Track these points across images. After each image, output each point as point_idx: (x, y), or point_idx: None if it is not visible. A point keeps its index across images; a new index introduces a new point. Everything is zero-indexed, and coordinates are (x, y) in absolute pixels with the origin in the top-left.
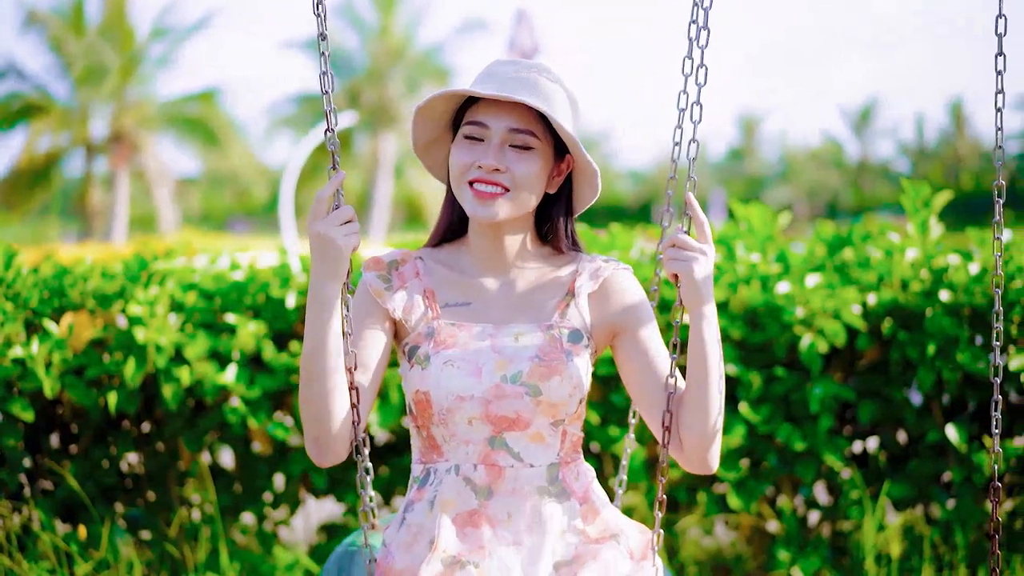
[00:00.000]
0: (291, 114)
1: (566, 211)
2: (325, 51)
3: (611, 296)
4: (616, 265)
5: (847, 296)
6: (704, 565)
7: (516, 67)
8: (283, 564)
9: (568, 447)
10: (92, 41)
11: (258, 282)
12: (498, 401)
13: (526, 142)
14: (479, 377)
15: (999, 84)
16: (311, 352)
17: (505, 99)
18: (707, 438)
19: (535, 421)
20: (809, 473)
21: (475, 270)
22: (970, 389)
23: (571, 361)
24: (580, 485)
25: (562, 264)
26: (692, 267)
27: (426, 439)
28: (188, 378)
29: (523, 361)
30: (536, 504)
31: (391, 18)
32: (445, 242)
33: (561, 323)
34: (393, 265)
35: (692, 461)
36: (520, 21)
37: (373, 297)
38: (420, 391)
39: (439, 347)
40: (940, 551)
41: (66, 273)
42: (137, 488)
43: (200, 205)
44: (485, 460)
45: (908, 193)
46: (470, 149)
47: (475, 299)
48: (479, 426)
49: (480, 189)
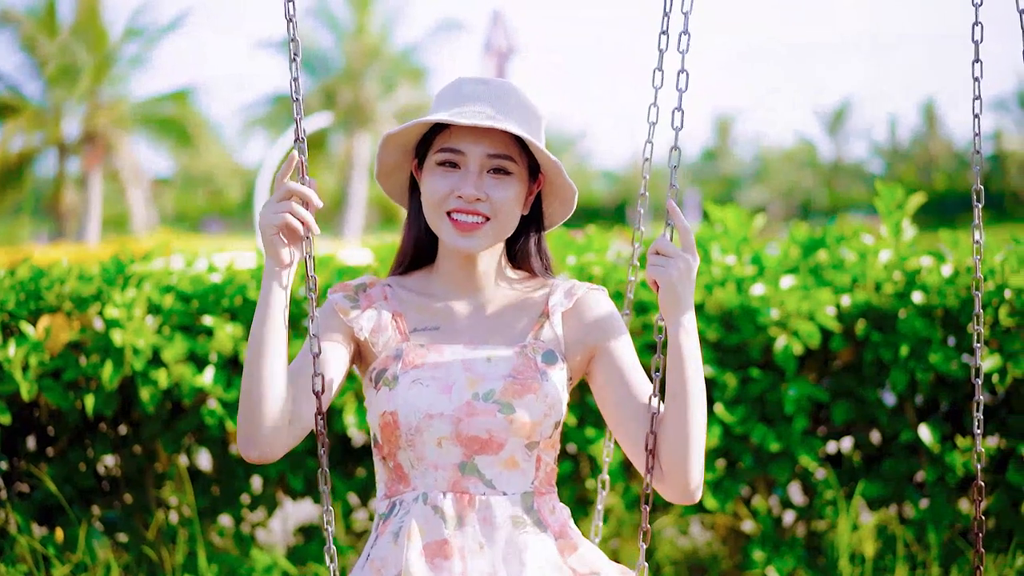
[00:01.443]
0: (265, 114)
1: (537, 229)
2: (296, 54)
3: (585, 315)
4: (590, 286)
5: (821, 298)
6: (680, 565)
7: (486, 87)
8: (261, 566)
9: (543, 477)
10: (65, 41)
11: (235, 284)
12: (469, 419)
13: (504, 167)
14: (449, 394)
15: (976, 90)
16: (250, 340)
17: (490, 127)
18: (687, 460)
19: (508, 443)
20: (784, 473)
21: (445, 294)
22: (943, 390)
23: (546, 380)
24: (556, 520)
25: (535, 287)
26: (672, 274)
27: (392, 470)
28: (166, 380)
29: (496, 380)
30: (510, 535)
31: (366, 18)
32: (412, 269)
33: (535, 343)
34: (360, 288)
35: (673, 488)
36: (495, 22)
37: (339, 315)
38: (387, 412)
39: (407, 367)
40: (913, 550)
41: (42, 275)
42: (114, 490)
43: (174, 205)
44: (455, 487)
45: (882, 195)
46: (446, 177)
47: (444, 323)
48: (449, 448)
49: (460, 220)
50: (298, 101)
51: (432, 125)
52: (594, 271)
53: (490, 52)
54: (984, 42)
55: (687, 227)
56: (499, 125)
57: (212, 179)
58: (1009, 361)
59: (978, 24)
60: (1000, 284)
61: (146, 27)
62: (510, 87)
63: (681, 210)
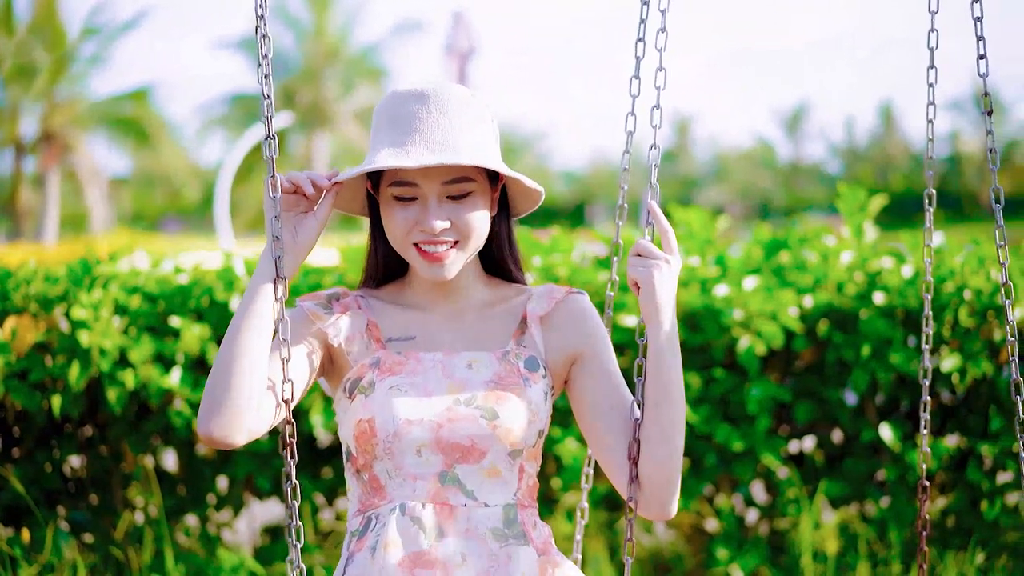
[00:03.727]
0: (224, 114)
1: (507, 221)
2: (267, 66)
3: (564, 319)
4: (569, 289)
5: (784, 299)
6: (644, 563)
7: (423, 104)
8: (228, 566)
9: (525, 489)
10: (22, 39)
11: (202, 286)
12: (450, 425)
13: (463, 189)
14: (429, 399)
15: (931, 96)
16: (233, 320)
17: (440, 165)
18: (666, 470)
19: (491, 451)
20: (747, 472)
21: (420, 304)
22: (903, 389)
23: (529, 387)
24: (539, 535)
25: (513, 292)
26: (653, 275)
27: (368, 483)
28: (132, 381)
29: (477, 385)
30: (493, 548)
31: (326, 18)
32: (383, 283)
33: (517, 349)
34: (333, 297)
35: (650, 503)
36: (457, 23)
37: (310, 319)
38: (363, 420)
39: (385, 374)
40: (875, 548)
41: (9, 276)
42: (81, 491)
43: (132, 205)
44: (435, 499)
45: (844, 197)
46: (405, 211)
47: (421, 333)
48: (429, 457)
49: (427, 250)
50: (269, 99)
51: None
52: (559, 272)
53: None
54: (941, 44)
55: (668, 228)
56: (448, 160)
57: (170, 179)
58: (968, 361)
59: (934, 31)
60: (960, 285)
61: (104, 26)
62: (448, 94)
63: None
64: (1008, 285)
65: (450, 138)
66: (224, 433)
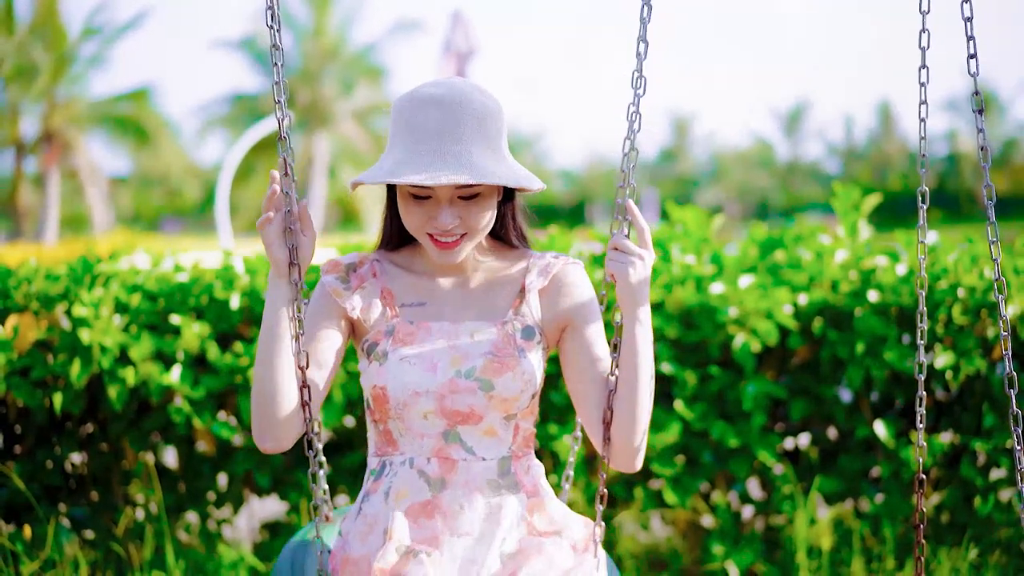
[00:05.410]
0: (223, 114)
1: (511, 200)
2: (278, 62)
3: (560, 291)
4: (566, 260)
5: (779, 296)
6: (641, 559)
7: (440, 111)
8: (227, 562)
9: (520, 441)
10: (22, 40)
11: (202, 284)
12: (452, 396)
13: (474, 191)
14: (434, 373)
15: (922, 95)
16: (260, 341)
17: (455, 184)
18: (633, 437)
19: (488, 415)
20: (743, 469)
21: (430, 271)
22: (898, 387)
23: (524, 357)
24: (530, 479)
25: (514, 261)
26: (628, 270)
27: (382, 433)
28: (133, 379)
29: (477, 357)
30: (488, 497)
31: (324, 18)
32: (399, 246)
33: (515, 319)
34: (351, 267)
35: (618, 459)
36: (455, 22)
37: (332, 297)
38: (378, 386)
39: (397, 344)
40: (869, 544)
41: (10, 275)
42: (82, 488)
43: (131, 205)
44: (439, 453)
45: (839, 196)
46: (420, 207)
47: (430, 299)
48: (434, 420)
49: (440, 239)
50: (280, 102)
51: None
52: None
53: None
54: (937, 43)
55: (644, 225)
56: (465, 180)
57: (169, 179)
58: (962, 359)
59: (925, 31)
60: (953, 283)
61: (104, 26)
62: (464, 101)
63: (626, 208)
64: (1001, 281)
65: (465, 150)
66: (281, 446)
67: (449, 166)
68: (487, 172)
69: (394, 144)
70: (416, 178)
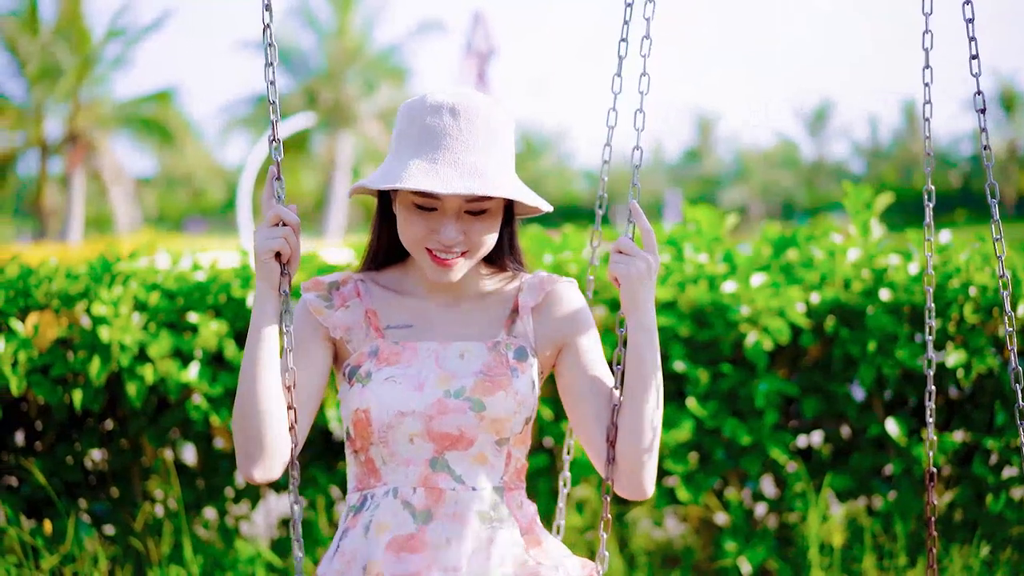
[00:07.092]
0: (247, 114)
1: (510, 222)
2: (272, 61)
3: (554, 309)
4: (559, 279)
5: (791, 295)
6: (654, 556)
7: (454, 120)
8: (245, 557)
9: (512, 472)
10: (47, 41)
11: (219, 282)
12: (440, 417)
13: (482, 207)
14: (421, 392)
15: (927, 95)
16: (245, 362)
17: (467, 195)
18: (640, 455)
19: (479, 439)
20: (755, 466)
21: (418, 291)
22: (909, 385)
23: (516, 377)
24: (523, 515)
25: (506, 282)
26: (631, 272)
27: (364, 463)
28: (152, 376)
29: (467, 376)
30: (477, 530)
31: (347, 18)
32: (385, 265)
33: (507, 339)
34: (333, 286)
35: (625, 484)
36: (476, 23)
37: (313, 316)
38: (360, 410)
39: (382, 364)
40: (880, 541)
41: (31, 274)
42: (101, 484)
43: (156, 205)
44: (425, 483)
45: (850, 195)
46: (423, 219)
47: (417, 321)
48: (420, 444)
49: (439, 256)
50: (274, 104)
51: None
52: (571, 269)
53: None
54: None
55: (649, 228)
56: (480, 191)
57: (193, 179)
58: (973, 357)
59: (928, 32)
60: (965, 282)
61: (128, 27)
62: (477, 109)
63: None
64: (1005, 277)
65: (479, 161)
66: (267, 476)
67: (464, 176)
68: (503, 186)
69: (400, 150)
70: (428, 185)
